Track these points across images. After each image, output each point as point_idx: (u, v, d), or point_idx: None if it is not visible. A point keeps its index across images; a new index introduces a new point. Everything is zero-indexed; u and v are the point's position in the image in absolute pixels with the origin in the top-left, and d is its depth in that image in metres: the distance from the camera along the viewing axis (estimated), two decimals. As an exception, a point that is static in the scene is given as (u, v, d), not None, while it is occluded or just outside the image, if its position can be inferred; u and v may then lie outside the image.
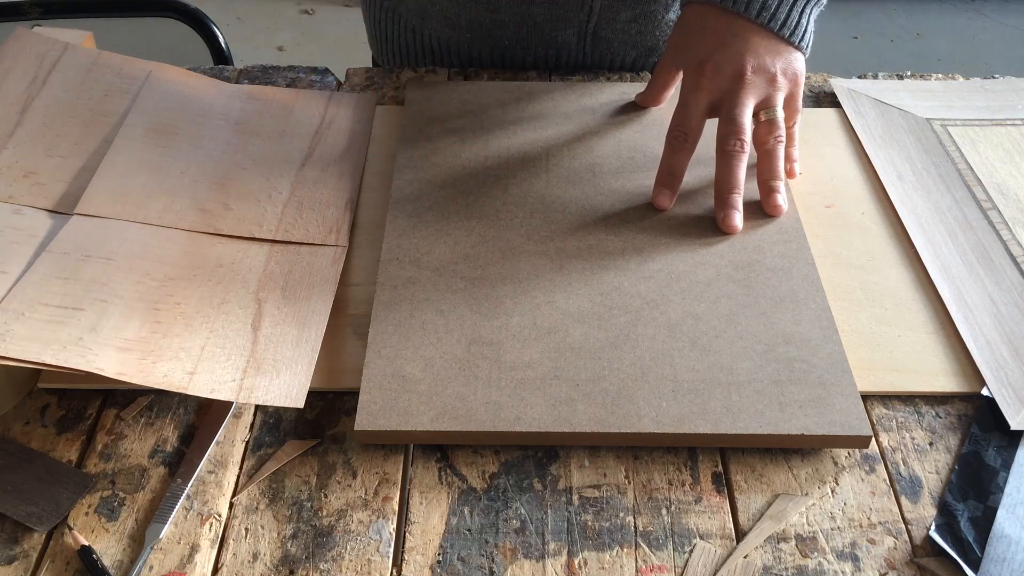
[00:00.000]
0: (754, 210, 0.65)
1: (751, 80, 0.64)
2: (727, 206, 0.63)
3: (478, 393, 0.53)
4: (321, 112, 0.75)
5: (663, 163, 0.66)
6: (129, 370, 0.52)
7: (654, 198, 0.66)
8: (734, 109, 0.63)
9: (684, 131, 0.65)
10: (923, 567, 0.47)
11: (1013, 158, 0.72)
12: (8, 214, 0.62)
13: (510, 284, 0.59)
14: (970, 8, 2.81)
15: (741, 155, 0.63)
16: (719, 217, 0.64)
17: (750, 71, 0.64)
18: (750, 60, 0.64)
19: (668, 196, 0.65)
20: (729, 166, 0.63)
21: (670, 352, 0.55)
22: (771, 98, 0.65)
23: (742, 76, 0.64)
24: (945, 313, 0.60)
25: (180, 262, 0.60)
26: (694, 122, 0.65)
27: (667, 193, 0.65)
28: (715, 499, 0.50)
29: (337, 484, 0.51)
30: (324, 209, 0.66)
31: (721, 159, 0.64)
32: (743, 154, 0.63)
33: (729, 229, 0.63)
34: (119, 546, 0.48)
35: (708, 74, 0.64)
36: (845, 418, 0.51)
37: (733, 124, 0.63)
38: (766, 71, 0.64)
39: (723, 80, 0.64)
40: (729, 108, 0.64)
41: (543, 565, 0.47)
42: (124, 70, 0.76)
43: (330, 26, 2.68)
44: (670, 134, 0.66)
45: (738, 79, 0.64)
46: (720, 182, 0.64)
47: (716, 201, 0.64)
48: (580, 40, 0.83)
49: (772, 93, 0.65)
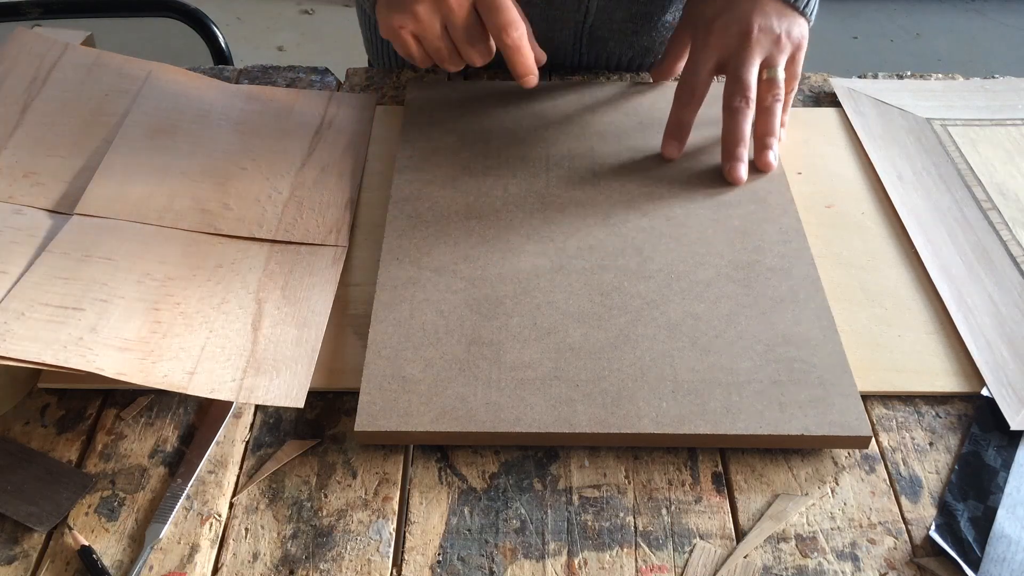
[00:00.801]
0: (755, 209, 0.65)
1: (757, 39, 0.67)
2: (733, 158, 0.67)
3: (478, 393, 0.53)
4: (321, 112, 0.75)
5: (672, 116, 0.70)
6: (129, 370, 0.52)
7: (663, 149, 0.70)
8: (740, 68, 0.67)
9: (692, 87, 0.69)
10: (923, 567, 0.47)
11: (1013, 158, 0.72)
12: (8, 214, 0.62)
13: (510, 284, 0.59)
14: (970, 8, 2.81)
15: (747, 111, 0.67)
16: (725, 169, 0.67)
17: (756, 30, 0.67)
18: (757, 20, 0.67)
19: (677, 147, 0.69)
20: (735, 121, 0.67)
21: (670, 352, 0.55)
22: (773, 58, 0.68)
23: (748, 35, 0.67)
24: (945, 313, 0.60)
25: (180, 262, 0.60)
26: (701, 78, 0.68)
27: (675, 144, 0.69)
28: (715, 499, 0.50)
29: (337, 484, 0.51)
30: (324, 209, 0.66)
31: (728, 115, 0.67)
32: (748, 111, 0.67)
33: (735, 180, 0.67)
34: (119, 546, 0.48)
35: (716, 32, 0.68)
36: (845, 418, 0.51)
37: (739, 82, 0.67)
38: (771, 31, 0.67)
39: (730, 38, 0.67)
40: (736, 66, 0.67)
41: (543, 565, 0.47)
42: (124, 70, 0.76)
43: (330, 26, 2.68)
44: (678, 89, 0.69)
45: (745, 37, 0.67)
46: (727, 136, 0.67)
47: (723, 154, 0.68)
48: (576, 41, 0.83)
49: (775, 53, 0.68)
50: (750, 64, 0.67)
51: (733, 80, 0.67)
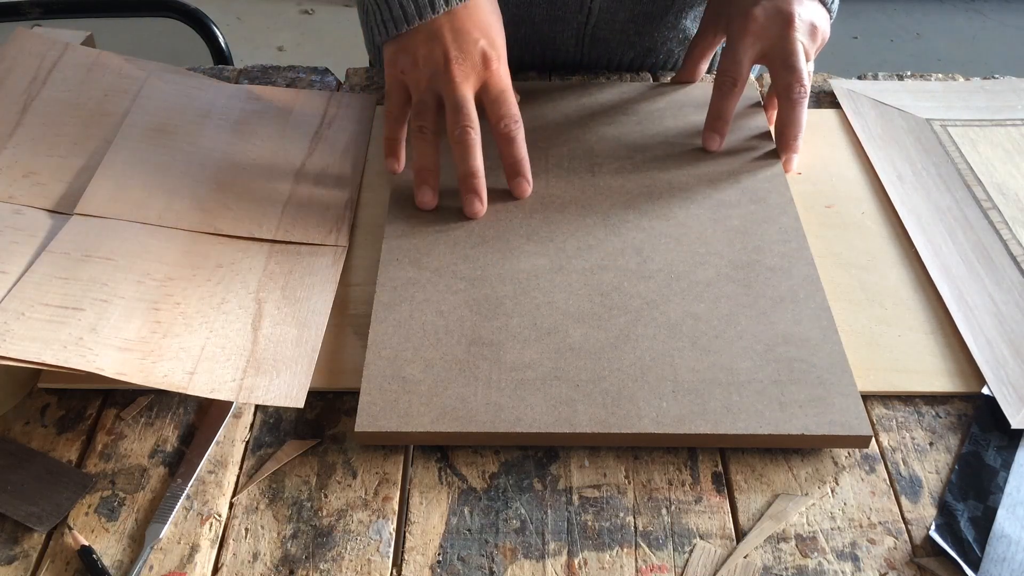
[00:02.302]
0: (754, 209, 0.65)
1: (798, 28, 0.67)
2: (791, 150, 0.68)
3: (478, 394, 0.53)
4: (321, 112, 0.75)
5: (712, 108, 0.69)
6: (129, 370, 0.52)
7: (705, 142, 0.69)
8: (791, 57, 0.66)
9: (733, 76, 0.68)
10: (923, 567, 0.47)
11: (1013, 158, 0.72)
12: (8, 214, 0.62)
13: (510, 284, 0.59)
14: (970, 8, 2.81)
15: (805, 100, 0.67)
16: (784, 159, 0.68)
17: (797, 19, 0.67)
18: (796, 8, 0.67)
19: (718, 140, 0.69)
20: (796, 112, 0.67)
21: (670, 352, 0.55)
22: (808, 51, 0.68)
23: (791, 23, 0.67)
24: (945, 313, 0.60)
25: (180, 262, 0.60)
26: (744, 67, 0.68)
27: (716, 138, 0.69)
28: (715, 499, 0.50)
29: (337, 484, 0.51)
30: (324, 209, 0.66)
31: (787, 105, 0.67)
32: (806, 99, 0.67)
33: (791, 171, 0.68)
34: (119, 546, 0.48)
35: (758, 18, 0.67)
36: (845, 418, 0.51)
37: (794, 71, 0.66)
38: (809, 22, 0.68)
39: (773, 26, 0.67)
40: (786, 56, 0.66)
41: (543, 565, 0.47)
42: (124, 70, 0.76)
43: (330, 26, 2.68)
44: (718, 79, 0.69)
45: (788, 25, 0.67)
46: (789, 127, 0.68)
47: (782, 144, 0.68)
48: (578, 42, 0.83)
49: (809, 46, 0.68)
50: (799, 52, 0.66)
51: (787, 69, 0.66)
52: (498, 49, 0.64)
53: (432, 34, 0.63)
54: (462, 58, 0.62)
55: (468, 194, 0.63)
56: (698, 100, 0.75)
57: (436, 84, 0.63)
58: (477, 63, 0.63)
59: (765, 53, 0.68)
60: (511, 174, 0.65)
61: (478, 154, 0.63)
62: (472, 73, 0.63)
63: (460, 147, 0.62)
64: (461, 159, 0.63)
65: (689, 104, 0.75)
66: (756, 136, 0.71)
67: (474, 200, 0.63)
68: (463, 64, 0.62)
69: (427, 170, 0.64)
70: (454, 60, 0.62)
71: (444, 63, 0.62)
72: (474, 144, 0.62)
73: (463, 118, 0.62)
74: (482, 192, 0.63)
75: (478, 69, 0.63)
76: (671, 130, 0.72)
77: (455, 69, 0.62)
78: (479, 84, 0.63)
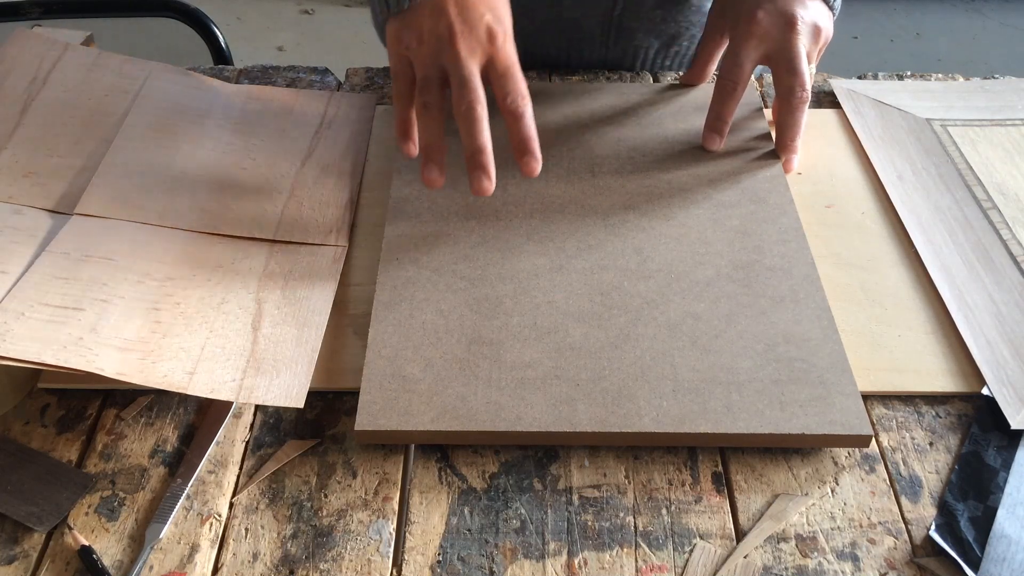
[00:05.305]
0: (754, 209, 0.65)
1: (800, 30, 0.67)
2: (792, 151, 0.69)
3: (478, 393, 0.53)
4: (321, 112, 0.75)
5: (712, 109, 0.69)
6: (129, 370, 0.52)
7: (705, 142, 0.70)
8: (794, 60, 0.66)
9: (735, 80, 0.68)
10: (923, 567, 0.47)
11: (1013, 158, 0.72)
12: (8, 214, 0.62)
13: (510, 284, 0.59)
14: (970, 8, 2.81)
15: (806, 103, 0.67)
16: (784, 159, 0.69)
17: (800, 21, 0.67)
18: (799, 10, 0.67)
19: (718, 140, 0.69)
20: (796, 114, 0.68)
21: (670, 352, 0.55)
22: (811, 53, 0.68)
23: (794, 25, 0.66)
24: (945, 313, 0.60)
25: (180, 262, 0.60)
26: (745, 71, 0.68)
27: (716, 137, 0.69)
28: (715, 499, 0.50)
29: (337, 484, 0.51)
30: (324, 209, 0.66)
31: (788, 108, 0.68)
32: (807, 102, 0.67)
33: (790, 171, 0.69)
34: (119, 546, 0.48)
35: (760, 21, 0.67)
36: (845, 417, 0.51)
37: (796, 75, 0.66)
38: (812, 24, 0.67)
39: (775, 29, 0.67)
40: (789, 58, 0.67)
41: (543, 565, 0.47)
42: (124, 70, 0.76)
43: (330, 26, 2.68)
44: (720, 82, 0.69)
45: (790, 28, 0.66)
46: (788, 129, 0.68)
47: (781, 145, 0.69)
48: (604, 32, 0.83)
49: (812, 48, 0.68)
50: (802, 56, 0.66)
51: (790, 72, 0.67)
52: (504, 24, 0.62)
53: (436, 9, 0.61)
54: (467, 32, 0.60)
55: (476, 171, 0.60)
56: (698, 102, 0.75)
57: (441, 59, 0.61)
58: (483, 38, 0.61)
59: (768, 56, 0.68)
60: (520, 152, 0.62)
61: (485, 129, 0.60)
62: (478, 48, 0.61)
63: (467, 122, 0.60)
64: (468, 134, 0.60)
65: (689, 105, 0.75)
66: (756, 137, 0.71)
67: (482, 177, 0.60)
68: (468, 38, 0.60)
69: (433, 147, 0.61)
70: (459, 34, 0.60)
71: (449, 37, 0.60)
72: (481, 119, 0.60)
73: (469, 92, 0.60)
74: (490, 169, 0.60)
75: (484, 44, 0.61)
76: (671, 131, 0.72)
77: (460, 43, 0.60)
78: (485, 59, 0.61)
